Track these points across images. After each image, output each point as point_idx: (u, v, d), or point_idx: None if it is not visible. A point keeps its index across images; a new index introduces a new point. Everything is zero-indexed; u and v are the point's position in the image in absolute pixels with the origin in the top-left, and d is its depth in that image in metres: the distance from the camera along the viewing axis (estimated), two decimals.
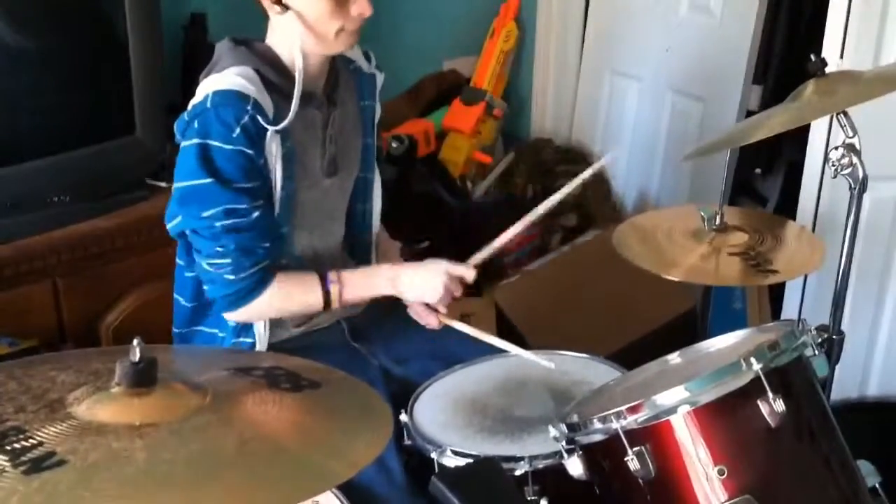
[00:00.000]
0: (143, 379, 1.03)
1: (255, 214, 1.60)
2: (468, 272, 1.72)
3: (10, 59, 2.02)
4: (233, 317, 1.68)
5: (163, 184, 2.26)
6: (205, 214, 1.58)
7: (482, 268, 1.77)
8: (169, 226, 1.66)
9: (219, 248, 1.60)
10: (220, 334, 1.74)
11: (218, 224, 1.58)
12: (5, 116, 2.04)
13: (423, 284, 1.71)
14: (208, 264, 1.62)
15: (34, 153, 2.06)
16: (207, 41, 2.44)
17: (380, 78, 1.85)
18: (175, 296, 1.78)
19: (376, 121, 1.87)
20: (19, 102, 2.06)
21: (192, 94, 1.67)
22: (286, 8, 1.60)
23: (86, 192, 2.14)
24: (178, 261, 1.75)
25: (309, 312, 1.74)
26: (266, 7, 1.63)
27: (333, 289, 1.68)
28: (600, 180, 3.16)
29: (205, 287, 1.68)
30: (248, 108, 1.57)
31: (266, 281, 1.65)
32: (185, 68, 2.43)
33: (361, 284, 1.71)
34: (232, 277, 1.62)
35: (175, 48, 2.44)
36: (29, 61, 2.06)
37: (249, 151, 1.58)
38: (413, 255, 2.67)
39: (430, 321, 1.76)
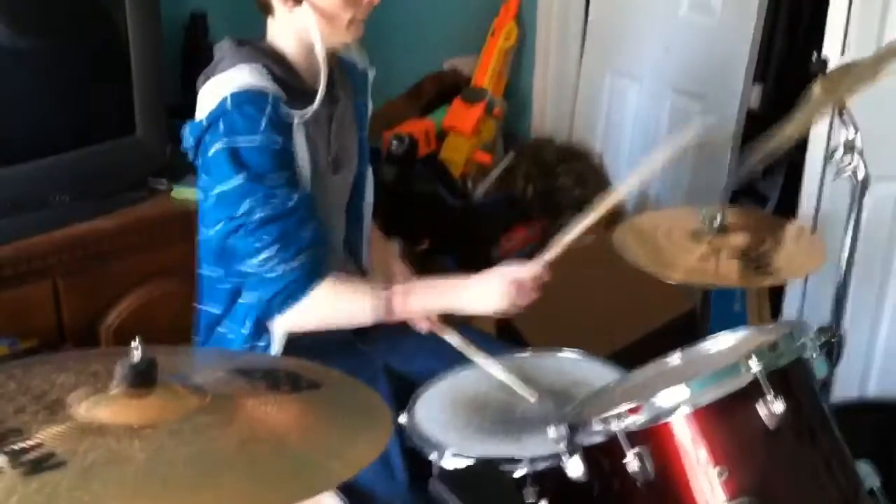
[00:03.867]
0: (143, 380, 1.03)
1: (292, 203, 1.59)
2: (540, 270, 1.67)
3: (11, 59, 2.02)
4: (287, 321, 1.63)
5: (163, 184, 2.26)
6: (241, 212, 1.57)
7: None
8: (211, 232, 1.64)
9: (262, 240, 1.57)
10: (232, 336, 1.72)
11: (255, 217, 1.56)
12: (5, 116, 2.04)
13: (489, 296, 1.64)
14: (251, 265, 1.59)
15: (34, 153, 2.06)
16: (207, 41, 2.44)
17: (371, 73, 1.86)
18: (200, 306, 1.76)
19: (368, 116, 1.87)
20: (19, 102, 2.06)
21: (193, 94, 1.67)
22: (299, 2, 1.61)
23: (86, 192, 2.14)
24: (208, 272, 1.72)
25: (362, 321, 1.67)
26: (276, 4, 1.63)
27: (395, 296, 1.63)
28: (600, 180, 3.16)
29: (248, 297, 1.64)
30: (269, 101, 1.57)
31: (315, 272, 1.60)
32: (185, 68, 2.43)
33: (425, 295, 1.67)
34: (277, 273, 1.58)
35: (175, 48, 2.44)
36: (29, 61, 2.06)
37: (278, 139, 1.57)
38: (413, 255, 2.68)
39: (422, 325, 1.75)
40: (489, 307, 1.66)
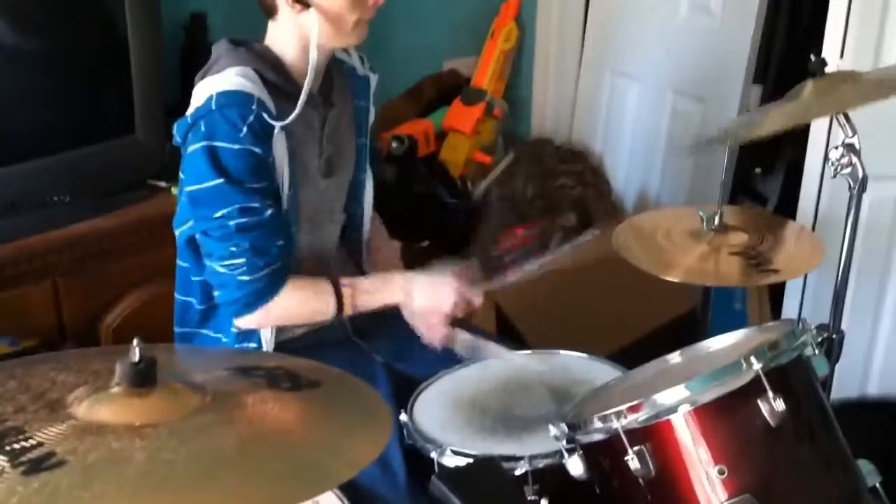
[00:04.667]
0: (143, 379, 1.03)
1: (268, 213, 1.60)
2: (477, 299, 1.71)
3: (11, 59, 2.02)
4: (244, 322, 1.66)
5: (163, 184, 2.26)
6: (217, 215, 1.58)
7: (485, 268, 1.77)
8: (178, 231, 1.66)
9: (232, 248, 1.59)
10: (224, 339, 1.73)
11: (231, 223, 1.58)
12: (5, 116, 2.04)
13: (434, 298, 1.69)
14: (221, 266, 1.61)
15: (34, 153, 2.06)
16: (207, 41, 2.44)
17: (373, 79, 1.86)
18: (178, 296, 1.77)
19: (370, 122, 1.87)
20: (19, 102, 2.06)
21: (192, 94, 1.67)
22: (307, 6, 1.61)
23: (86, 192, 2.14)
24: (181, 262, 1.74)
25: (319, 320, 1.72)
26: (282, 7, 1.63)
27: (346, 294, 1.67)
28: (600, 180, 3.16)
29: (216, 293, 1.66)
30: (253, 106, 1.57)
31: (278, 284, 1.64)
32: (185, 68, 2.43)
33: (374, 291, 1.71)
34: (246, 278, 1.61)
35: (175, 48, 2.44)
36: (29, 61, 2.06)
37: (257, 150, 1.58)
38: (413, 254, 2.67)
39: (434, 340, 1.73)
40: (432, 308, 1.69)
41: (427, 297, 1.70)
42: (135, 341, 1.02)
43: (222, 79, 1.60)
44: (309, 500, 0.98)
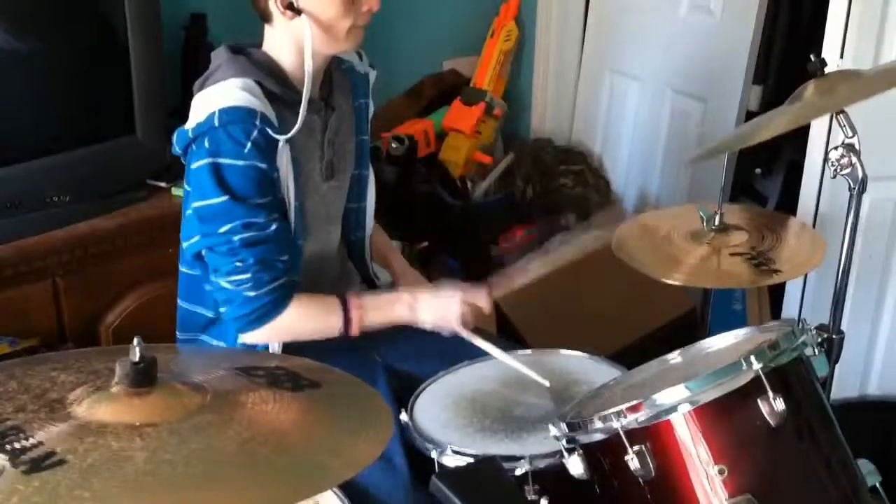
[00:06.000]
0: (143, 379, 1.03)
1: (273, 228, 1.60)
2: (485, 301, 1.72)
3: (11, 59, 2.02)
4: (251, 338, 1.66)
5: (163, 184, 2.26)
6: (222, 230, 1.58)
7: (485, 270, 1.77)
8: (186, 245, 1.66)
9: (238, 263, 1.59)
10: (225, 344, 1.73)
11: (236, 238, 1.58)
12: (6, 116, 2.04)
13: (440, 311, 1.70)
14: (227, 282, 1.61)
15: (34, 153, 2.06)
16: (207, 41, 2.45)
17: (372, 75, 1.86)
18: (182, 304, 1.77)
19: (370, 117, 1.87)
20: (20, 102, 2.06)
21: (192, 94, 1.67)
22: (298, 12, 1.60)
23: (86, 192, 2.14)
24: (190, 271, 1.73)
25: (325, 336, 1.71)
26: (275, 13, 1.63)
27: (354, 313, 1.67)
28: (599, 180, 3.16)
29: (222, 309, 1.66)
30: (257, 122, 1.56)
31: (285, 299, 1.63)
32: (185, 68, 2.44)
33: (381, 310, 1.71)
34: (252, 294, 1.60)
35: (175, 48, 2.44)
36: (29, 61, 2.06)
37: (262, 165, 1.58)
38: (413, 255, 2.67)
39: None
40: (439, 322, 1.71)
41: (433, 313, 1.71)
42: (135, 341, 1.03)
43: (224, 92, 1.59)
44: (309, 500, 0.98)
